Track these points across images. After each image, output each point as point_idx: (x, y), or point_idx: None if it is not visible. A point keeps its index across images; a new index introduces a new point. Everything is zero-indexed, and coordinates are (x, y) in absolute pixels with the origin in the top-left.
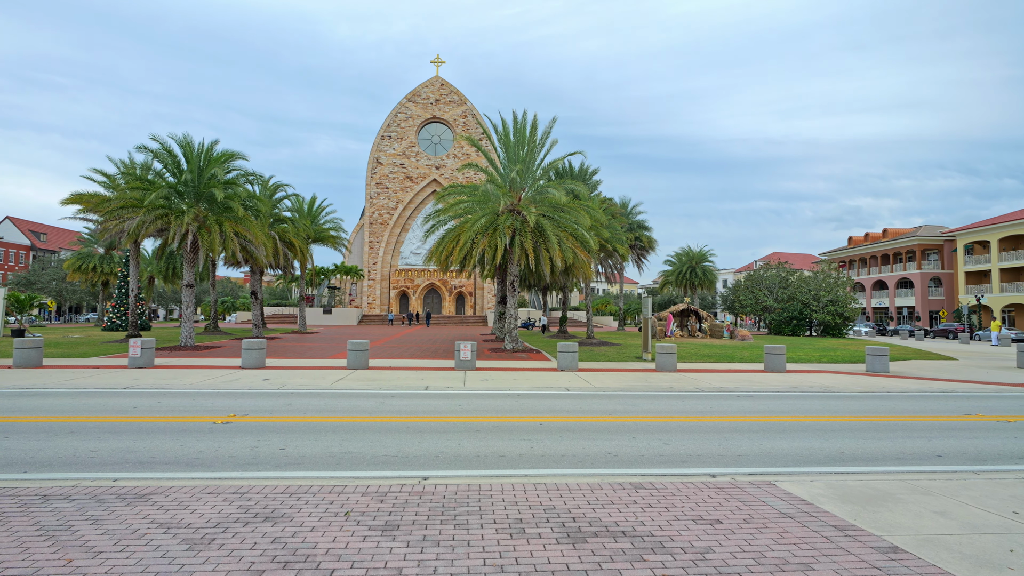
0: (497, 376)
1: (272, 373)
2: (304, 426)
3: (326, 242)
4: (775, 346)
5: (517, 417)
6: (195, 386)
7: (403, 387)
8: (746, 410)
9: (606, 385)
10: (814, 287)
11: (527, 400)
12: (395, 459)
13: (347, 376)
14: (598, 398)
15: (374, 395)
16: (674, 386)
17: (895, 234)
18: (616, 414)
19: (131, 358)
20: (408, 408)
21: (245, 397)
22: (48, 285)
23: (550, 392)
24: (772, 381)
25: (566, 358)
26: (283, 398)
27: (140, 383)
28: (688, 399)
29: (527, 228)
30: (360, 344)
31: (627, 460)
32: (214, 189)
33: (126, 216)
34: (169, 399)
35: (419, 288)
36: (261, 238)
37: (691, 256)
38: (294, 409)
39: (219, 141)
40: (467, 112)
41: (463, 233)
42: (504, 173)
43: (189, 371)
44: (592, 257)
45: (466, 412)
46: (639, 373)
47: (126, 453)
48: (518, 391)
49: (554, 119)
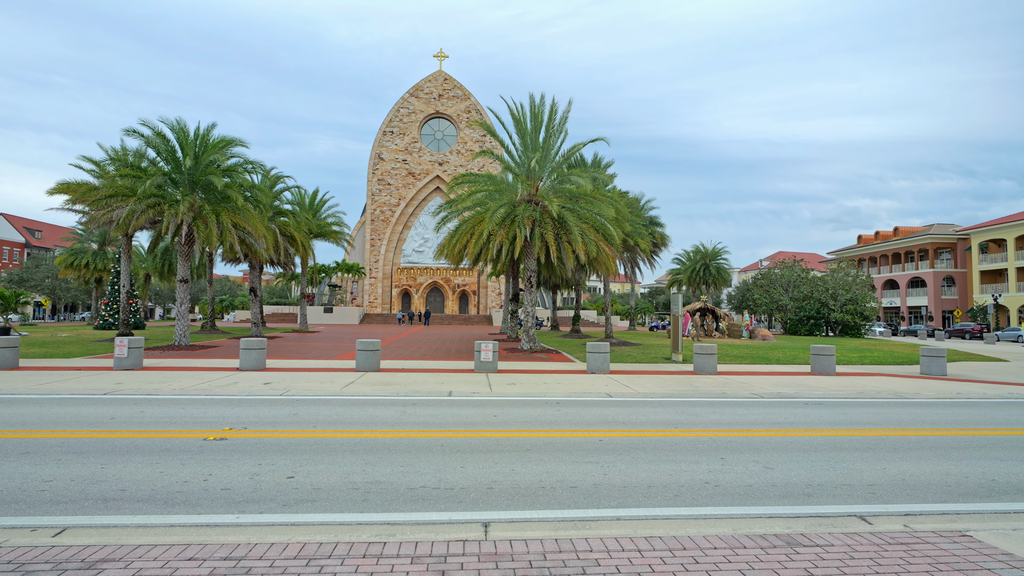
0: (524, 380)
1: (273, 376)
2: (315, 444)
3: (328, 237)
4: (822, 346)
5: (567, 431)
6: (186, 391)
7: (423, 392)
8: (825, 421)
9: (650, 390)
10: (831, 286)
11: (569, 409)
12: (437, 492)
13: (358, 379)
14: (649, 406)
15: (392, 402)
16: (725, 391)
17: (906, 232)
18: (679, 426)
19: (117, 359)
20: (435, 419)
21: (243, 405)
22: (41, 283)
23: (591, 399)
24: (829, 385)
25: (596, 359)
26: (287, 406)
27: (123, 388)
28: (751, 407)
29: (547, 219)
30: (370, 344)
31: (733, 492)
32: (212, 177)
33: (115, 205)
34: (154, 407)
35: (422, 287)
36: (262, 230)
37: (704, 253)
38: (301, 420)
39: (216, 125)
40: (471, 107)
41: (481, 224)
42: (520, 161)
43: (181, 373)
44: (615, 251)
45: (504, 424)
46: (677, 376)
47: (88, 484)
48: (554, 397)
49: (570, 102)
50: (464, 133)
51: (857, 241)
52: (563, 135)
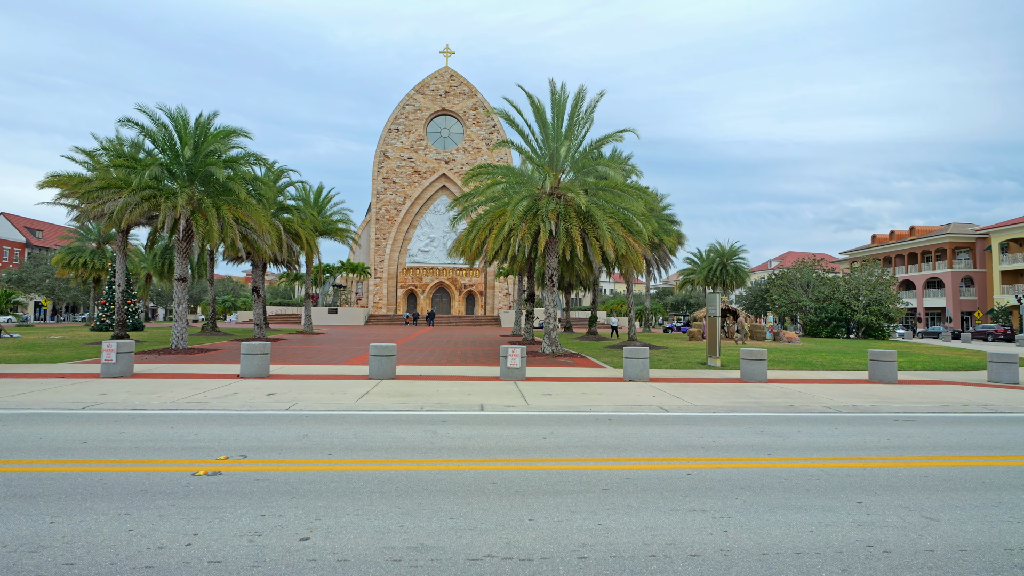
0: (559, 389)
1: (278, 385)
2: (333, 481)
3: (334, 235)
4: (883, 351)
5: (641, 460)
6: (178, 404)
7: (450, 406)
8: (937, 444)
9: (705, 402)
10: (854, 285)
11: (627, 428)
12: (512, 567)
13: (373, 389)
14: (716, 423)
15: (418, 419)
16: (792, 404)
17: (923, 232)
18: (771, 452)
19: (104, 365)
20: (473, 442)
21: (243, 422)
22: (40, 283)
23: (645, 413)
24: (902, 396)
25: (635, 366)
26: (295, 424)
27: (106, 400)
28: (836, 424)
29: (571, 213)
30: (385, 349)
31: (918, 564)
32: (213, 168)
33: (107, 198)
34: (138, 426)
35: (428, 287)
36: (266, 226)
37: (721, 252)
38: (313, 445)
39: (219, 114)
40: (477, 104)
41: (501, 218)
42: (541, 152)
43: (174, 382)
44: (645, 248)
45: (559, 449)
46: (726, 384)
47: (25, 552)
48: (602, 412)
49: (601, 92)
50: (471, 131)
51: (871, 241)
52: (588, 124)
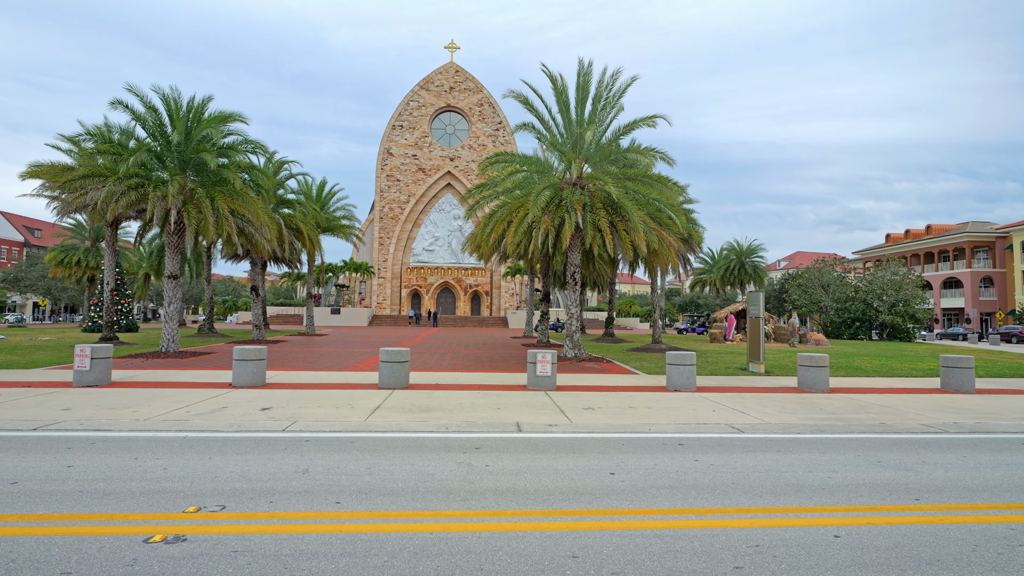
0: (599, 401)
1: (275, 397)
2: (344, 551)
3: (337, 232)
4: (958, 357)
5: (756, 513)
6: (152, 423)
7: (479, 424)
8: None
9: (782, 421)
10: (878, 285)
11: (707, 456)
12: None
13: (385, 402)
14: (810, 448)
15: (444, 444)
16: (883, 421)
17: (940, 231)
18: (918, 497)
19: (77, 372)
20: (523, 480)
21: (228, 449)
22: (36, 283)
23: (717, 435)
24: (996, 408)
25: (680, 374)
26: (293, 451)
27: (68, 417)
28: (959, 449)
29: (597, 204)
30: (397, 353)
31: None
32: (205, 155)
33: (91, 187)
34: (93, 456)
35: (432, 287)
36: (263, 218)
37: (739, 251)
38: (315, 485)
39: (213, 98)
40: (483, 100)
41: (522, 209)
42: (564, 138)
43: (156, 392)
44: (677, 242)
45: (639, 493)
46: (786, 395)
47: None
48: (664, 433)
49: (633, 78)
50: (477, 127)
51: (885, 240)
52: (617, 110)
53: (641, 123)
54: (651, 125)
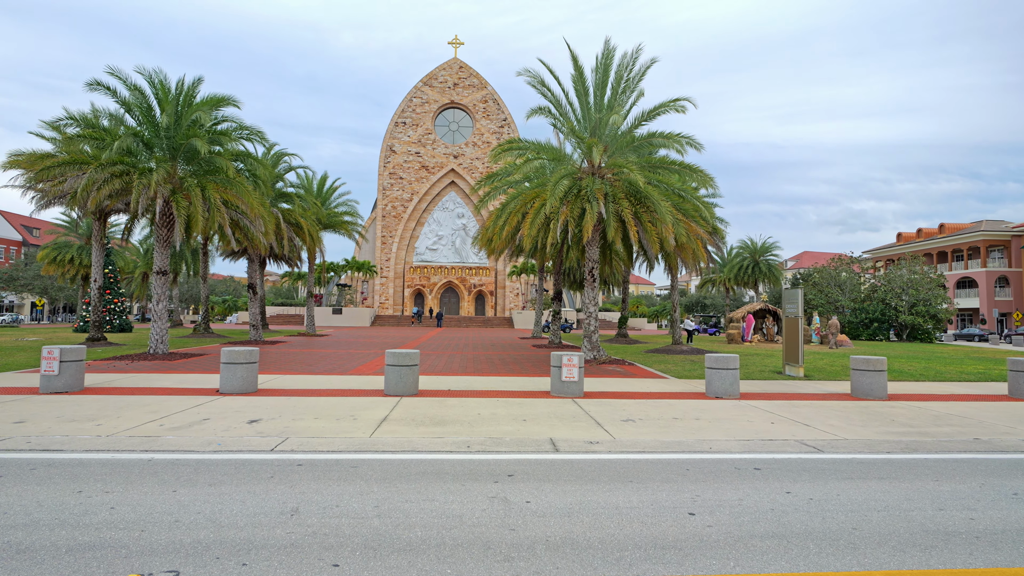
0: (636, 411)
1: (266, 405)
2: None
3: (339, 228)
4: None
5: None
6: (116, 440)
7: (506, 441)
8: None
9: (858, 436)
10: (898, 284)
11: (799, 487)
12: None
13: (392, 412)
14: (917, 474)
15: (468, 468)
16: (977, 436)
17: (953, 229)
18: None
19: (44, 377)
20: (579, 526)
21: (199, 479)
22: (32, 282)
23: (792, 456)
24: None
25: (723, 379)
26: (282, 481)
27: (18, 433)
28: None
29: (620, 194)
30: (405, 356)
31: None
32: (195, 140)
33: (70, 175)
34: (24, 489)
35: (435, 287)
36: (259, 209)
37: (753, 249)
38: (306, 537)
39: (204, 80)
40: (487, 97)
41: (538, 199)
42: (582, 124)
43: (131, 400)
44: (706, 235)
45: (737, 545)
46: (843, 402)
47: None
48: (731, 453)
49: (653, 60)
50: (481, 124)
51: (896, 239)
52: (637, 94)
53: (668, 107)
54: (679, 110)
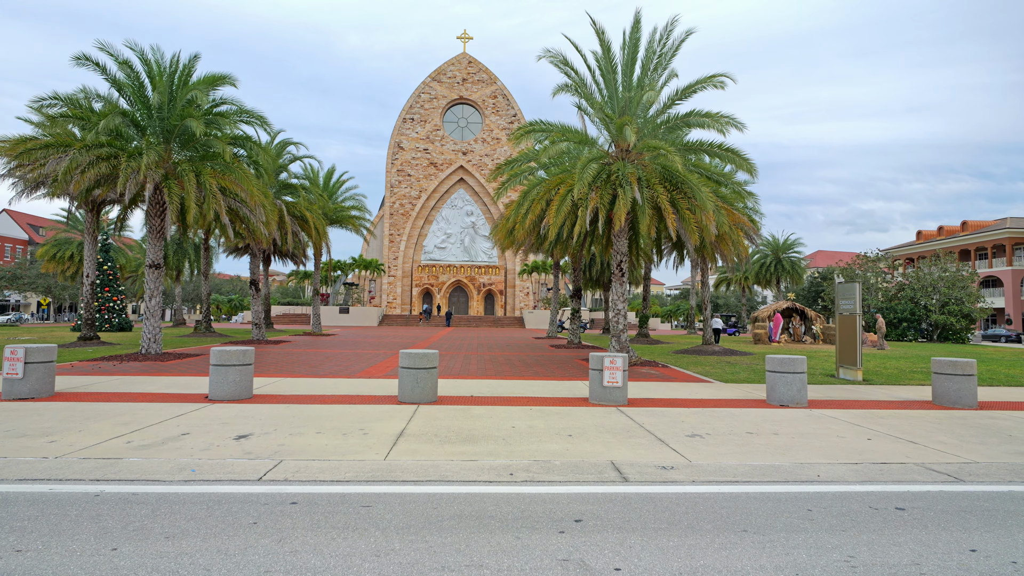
0: (698, 423)
1: (260, 415)
2: None
3: (346, 224)
4: None
5: None
6: (64, 465)
7: (557, 465)
8: None
9: (990, 458)
10: (928, 282)
11: (976, 537)
12: None
13: (409, 425)
14: None
15: (520, 509)
16: None
17: (976, 227)
18: None
19: (6, 381)
20: None
21: (152, 530)
22: (35, 281)
23: (931, 488)
24: None
25: (788, 384)
26: (266, 535)
27: None
28: None
29: (654, 179)
30: (422, 358)
31: None
32: (191, 121)
33: (52, 156)
34: None
35: (444, 286)
36: (259, 197)
37: (775, 246)
38: None
39: (200, 57)
40: (497, 92)
41: (564, 184)
42: (611, 104)
43: (106, 408)
44: (749, 225)
45: None
46: (932, 412)
47: None
48: (848, 483)
49: (688, 32)
50: (490, 120)
51: (916, 237)
52: (668, 73)
53: (705, 83)
54: (718, 86)
